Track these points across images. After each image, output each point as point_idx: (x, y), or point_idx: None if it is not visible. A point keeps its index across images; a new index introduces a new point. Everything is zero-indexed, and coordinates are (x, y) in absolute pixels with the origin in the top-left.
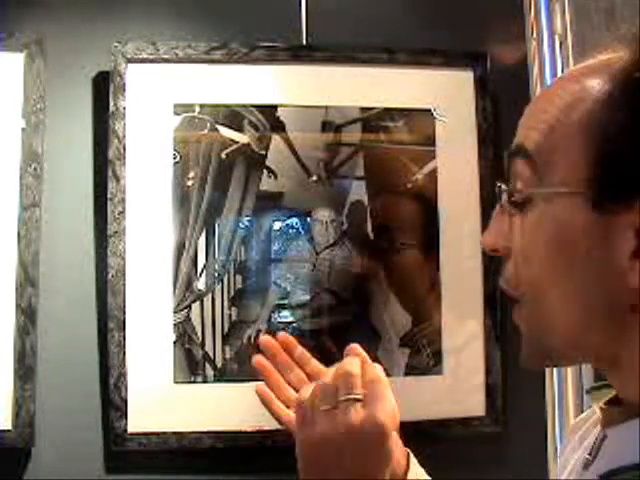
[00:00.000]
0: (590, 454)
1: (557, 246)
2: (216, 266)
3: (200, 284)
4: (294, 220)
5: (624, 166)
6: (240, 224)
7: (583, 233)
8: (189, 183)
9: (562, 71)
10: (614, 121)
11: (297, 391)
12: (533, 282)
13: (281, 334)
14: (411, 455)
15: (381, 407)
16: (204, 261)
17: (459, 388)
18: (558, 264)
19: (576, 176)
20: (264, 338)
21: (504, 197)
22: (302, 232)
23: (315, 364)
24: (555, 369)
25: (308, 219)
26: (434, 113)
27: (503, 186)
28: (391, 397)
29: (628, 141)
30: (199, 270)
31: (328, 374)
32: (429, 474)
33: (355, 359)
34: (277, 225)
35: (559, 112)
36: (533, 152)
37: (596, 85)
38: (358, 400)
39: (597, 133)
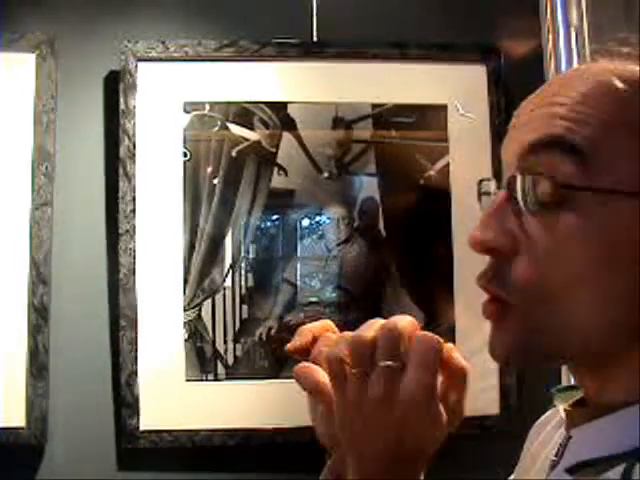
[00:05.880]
0: (556, 455)
1: (605, 247)
2: (227, 264)
3: (211, 282)
4: (305, 217)
5: None
6: (251, 222)
7: (637, 236)
8: (199, 181)
9: (578, 64)
10: None
11: None
12: (561, 282)
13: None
14: None
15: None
16: (215, 259)
17: (473, 387)
18: (602, 265)
19: (635, 178)
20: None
21: (518, 192)
22: (313, 229)
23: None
24: None
25: (319, 216)
26: (449, 108)
27: (519, 180)
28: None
29: None
30: (210, 268)
31: (370, 327)
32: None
33: (407, 317)
34: (288, 222)
35: (614, 108)
36: (583, 147)
37: None
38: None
39: None
